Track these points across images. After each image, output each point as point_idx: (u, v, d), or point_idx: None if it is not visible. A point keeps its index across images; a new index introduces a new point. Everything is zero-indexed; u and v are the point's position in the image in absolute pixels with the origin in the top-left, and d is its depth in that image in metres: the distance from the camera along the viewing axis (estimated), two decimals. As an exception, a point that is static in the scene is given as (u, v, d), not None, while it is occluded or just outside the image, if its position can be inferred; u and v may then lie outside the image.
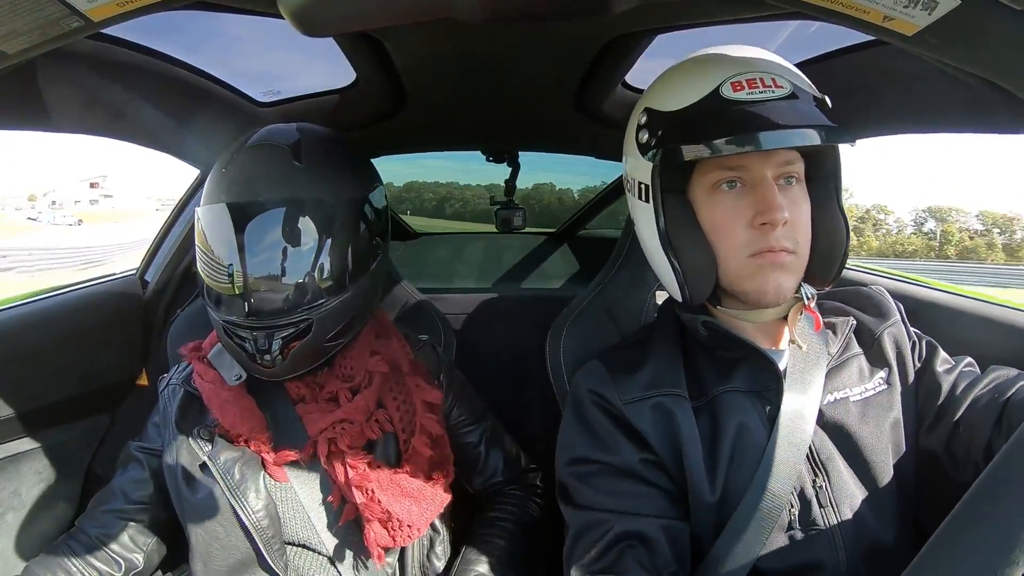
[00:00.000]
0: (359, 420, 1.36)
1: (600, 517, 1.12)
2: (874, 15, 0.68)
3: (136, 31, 1.35)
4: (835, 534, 1.08)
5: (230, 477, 1.31)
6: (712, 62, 1.11)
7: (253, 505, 1.31)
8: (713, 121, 1.05)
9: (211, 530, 1.33)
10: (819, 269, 1.17)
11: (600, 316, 1.59)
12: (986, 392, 1.12)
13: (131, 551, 1.42)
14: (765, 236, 1.07)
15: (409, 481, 1.36)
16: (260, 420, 1.37)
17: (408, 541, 1.35)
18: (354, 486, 1.31)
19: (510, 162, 2.51)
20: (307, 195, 1.29)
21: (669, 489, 1.14)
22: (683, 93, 1.10)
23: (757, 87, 1.05)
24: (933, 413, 1.16)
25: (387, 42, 1.34)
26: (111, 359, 1.93)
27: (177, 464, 1.37)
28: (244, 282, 1.27)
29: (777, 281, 1.09)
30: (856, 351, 1.23)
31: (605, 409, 1.21)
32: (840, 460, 1.12)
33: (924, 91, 1.33)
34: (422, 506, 1.35)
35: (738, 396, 1.16)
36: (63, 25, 0.73)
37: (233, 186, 1.29)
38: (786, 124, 1.01)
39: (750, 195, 1.09)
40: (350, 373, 1.42)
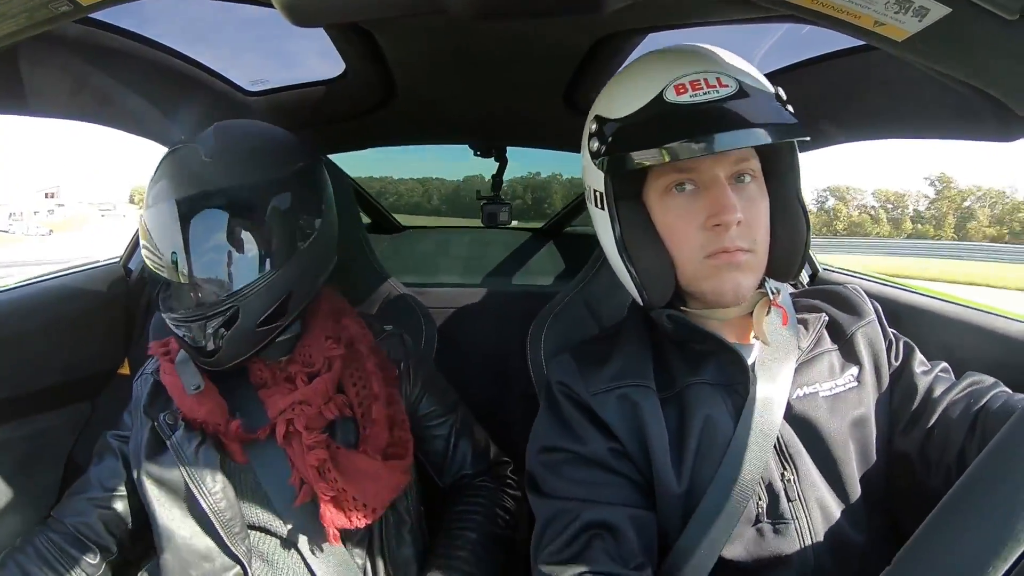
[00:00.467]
0: (317, 402, 1.37)
1: (567, 506, 1.12)
2: (865, 20, 0.68)
3: (125, 16, 1.34)
4: (802, 528, 1.08)
5: (189, 461, 1.33)
6: (655, 66, 1.11)
7: (210, 487, 1.32)
8: (657, 127, 1.04)
9: (173, 514, 1.35)
10: (780, 265, 1.16)
11: (581, 312, 1.60)
12: (961, 398, 1.12)
13: (105, 539, 1.43)
14: (719, 237, 1.07)
15: (366, 462, 1.36)
16: (220, 404, 1.38)
17: (364, 522, 1.34)
18: (309, 465, 1.32)
19: (497, 157, 2.51)
20: (211, 187, 1.31)
21: (637, 480, 1.15)
22: (629, 99, 1.10)
23: (701, 88, 1.04)
24: (908, 415, 1.16)
25: (377, 34, 1.34)
26: (93, 347, 1.92)
27: (142, 449, 1.38)
28: (169, 280, 1.35)
29: (735, 281, 1.09)
30: (828, 347, 1.23)
31: (573, 400, 1.21)
32: (808, 454, 1.13)
33: (913, 97, 1.34)
34: (379, 486, 1.35)
35: (707, 389, 1.16)
36: (51, 9, 0.73)
37: (154, 192, 1.34)
38: (732, 125, 1.00)
39: (703, 197, 1.08)
40: (309, 360, 1.44)
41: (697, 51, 1.11)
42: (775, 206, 1.14)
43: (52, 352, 1.77)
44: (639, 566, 1.06)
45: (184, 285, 1.34)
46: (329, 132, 2.05)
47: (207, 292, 1.33)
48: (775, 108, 1.06)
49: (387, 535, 1.44)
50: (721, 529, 1.08)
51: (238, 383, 1.43)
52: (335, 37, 1.35)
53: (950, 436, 1.08)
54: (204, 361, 1.38)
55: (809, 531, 1.08)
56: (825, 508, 1.10)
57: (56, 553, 1.38)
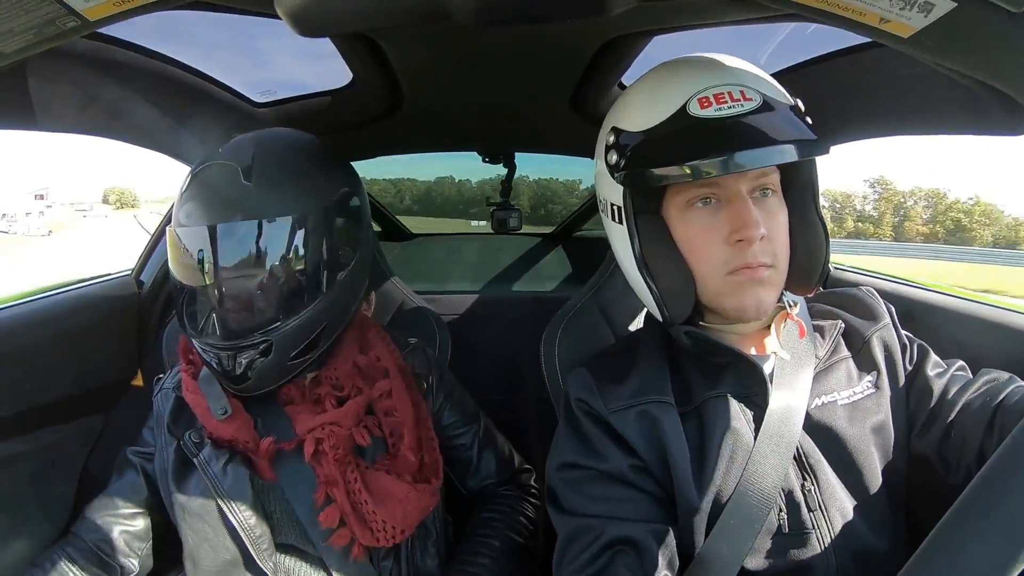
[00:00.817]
0: (348, 424, 1.37)
1: (589, 523, 1.11)
2: (871, 17, 0.68)
3: (132, 31, 1.35)
4: (824, 537, 1.08)
5: (218, 479, 1.32)
6: (677, 77, 1.10)
7: (240, 506, 1.31)
8: (683, 142, 1.03)
9: (201, 531, 1.34)
10: (800, 278, 1.16)
11: (594, 318, 1.59)
12: (978, 396, 1.11)
13: (127, 556, 1.43)
14: (742, 253, 1.07)
15: (395, 484, 1.35)
16: (247, 422, 1.37)
17: (392, 542, 1.35)
18: (338, 485, 1.32)
19: (506, 163, 2.50)
20: (250, 215, 1.28)
21: (658, 495, 1.14)
22: (649, 111, 1.09)
23: (725, 102, 1.03)
24: (924, 417, 1.16)
25: (383, 43, 1.34)
26: (106, 360, 1.93)
27: (168, 467, 1.38)
28: (202, 305, 1.33)
29: (757, 297, 1.09)
30: (844, 354, 1.22)
31: (592, 416, 1.21)
32: (828, 463, 1.12)
33: (920, 93, 1.33)
34: (407, 508, 1.35)
35: (725, 401, 1.16)
36: (59, 24, 0.73)
37: (188, 210, 1.31)
38: (759, 142, 1.00)
39: (725, 211, 1.08)
40: (338, 383, 1.43)
41: (717, 62, 1.11)
42: (794, 219, 1.14)
43: (65, 365, 1.78)
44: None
45: (215, 311, 1.31)
46: (337, 141, 2.06)
47: (240, 322, 1.31)
48: (797, 123, 1.05)
49: (413, 548, 1.44)
50: (743, 540, 1.07)
51: (264, 399, 1.42)
52: (341, 46, 1.36)
53: (968, 435, 1.07)
54: (231, 388, 1.37)
55: (831, 540, 1.07)
56: (847, 517, 1.09)
57: (77, 571, 1.37)
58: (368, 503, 1.32)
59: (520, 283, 3.08)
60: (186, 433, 1.38)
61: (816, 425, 1.13)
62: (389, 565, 1.40)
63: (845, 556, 1.07)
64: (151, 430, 1.49)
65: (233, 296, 1.31)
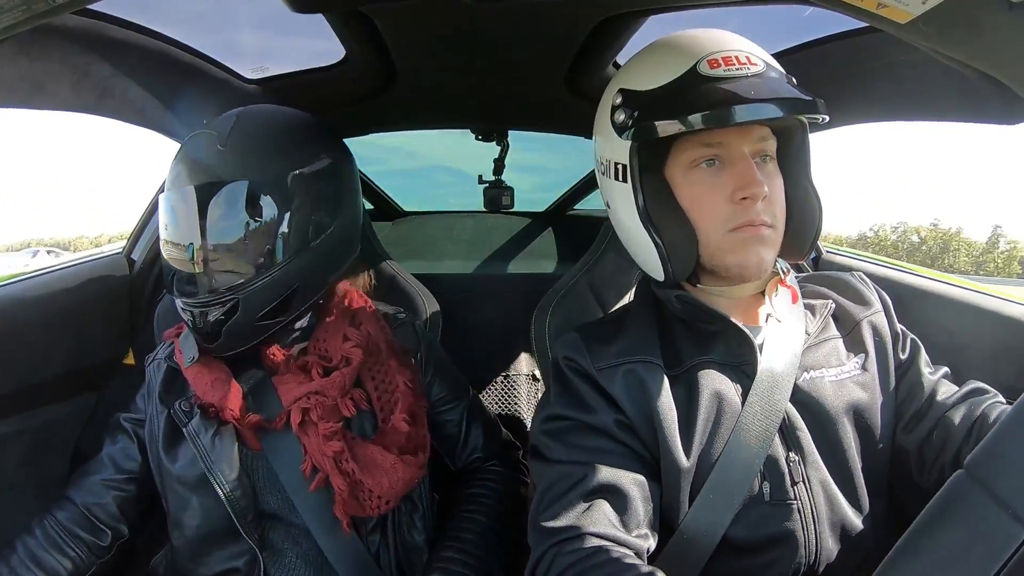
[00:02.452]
0: (333, 395, 1.38)
1: (571, 470, 1.13)
2: (868, 2, 0.67)
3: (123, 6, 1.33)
4: (805, 509, 1.10)
5: (205, 448, 1.35)
6: (687, 42, 1.13)
7: (226, 475, 1.33)
8: (693, 95, 1.06)
9: (187, 500, 1.37)
10: (795, 242, 1.20)
11: (586, 296, 1.60)
12: (963, 405, 1.15)
13: (118, 520, 1.44)
14: (746, 210, 1.10)
15: (383, 455, 1.37)
16: (234, 389, 1.39)
17: (377, 512, 1.36)
18: (326, 455, 1.33)
19: (499, 141, 2.50)
20: (225, 177, 1.33)
21: (642, 453, 1.15)
22: (659, 72, 1.12)
23: (733, 64, 1.07)
24: (911, 413, 1.19)
25: (377, 19, 1.33)
26: (98, 338, 1.92)
27: (158, 435, 1.40)
28: (180, 265, 1.38)
29: (759, 254, 1.12)
30: (834, 334, 1.25)
31: (580, 373, 1.22)
32: (812, 437, 1.14)
33: (916, 79, 1.33)
34: (393, 479, 1.36)
35: (715, 367, 1.18)
36: (48, 1, 0.72)
37: (172, 176, 1.39)
38: (767, 96, 1.03)
39: (728, 171, 1.11)
40: (326, 353, 1.44)
41: (724, 34, 1.14)
42: (789, 185, 1.17)
43: (57, 343, 1.78)
44: (643, 535, 1.08)
45: (190, 269, 1.36)
46: (330, 118, 2.04)
47: (212, 281, 1.35)
48: (796, 89, 1.08)
49: (399, 522, 1.45)
50: (727, 506, 1.10)
51: (251, 367, 1.45)
52: (334, 22, 1.35)
53: (948, 439, 1.12)
54: (205, 346, 1.39)
55: (812, 512, 1.10)
56: (828, 490, 1.12)
57: (65, 535, 1.39)
58: (356, 472, 1.34)
59: (512, 262, 3.07)
60: (177, 402, 1.40)
61: (803, 399, 1.16)
62: (376, 539, 1.42)
63: (825, 529, 1.10)
64: (143, 398, 1.50)
65: (207, 255, 1.35)
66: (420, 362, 1.56)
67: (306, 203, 1.38)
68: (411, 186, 3.35)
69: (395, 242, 2.94)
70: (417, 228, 3.15)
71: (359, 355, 1.43)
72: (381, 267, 1.93)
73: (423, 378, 1.56)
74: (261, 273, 1.34)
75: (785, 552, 1.09)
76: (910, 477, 1.18)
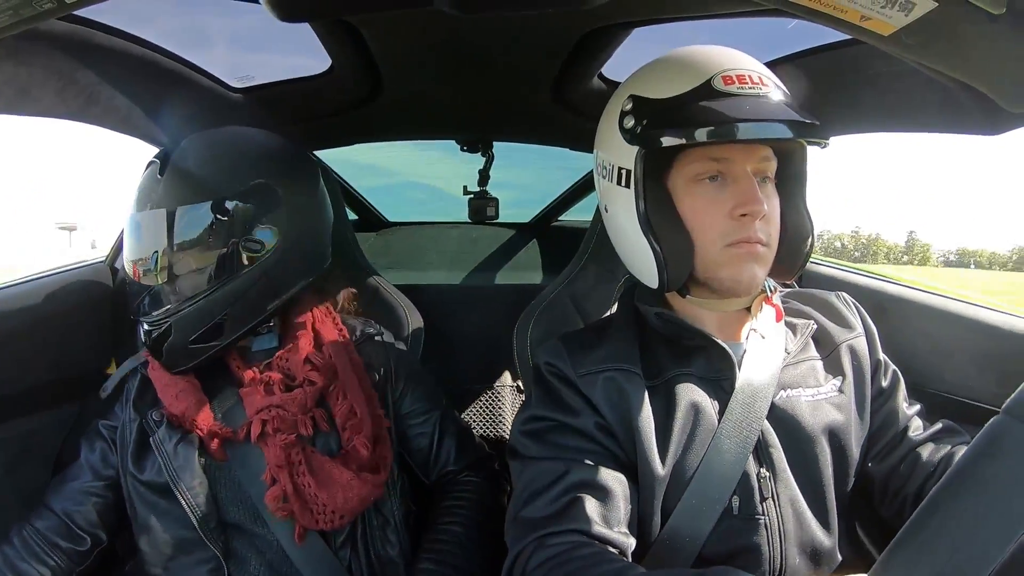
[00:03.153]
0: (293, 411, 1.39)
1: (552, 466, 1.14)
2: (851, 15, 0.68)
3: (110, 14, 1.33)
4: (773, 524, 1.11)
5: (169, 456, 1.36)
6: (704, 55, 1.13)
7: (188, 483, 1.35)
8: (705, 109, 1.07)
9: (154, 507, 1.38)
10: (785, 262, 1.21)
11: (567, 308, 1.60)
12: (933, 442, 1.20)
13: (97, 527, 1.43)
14: (744, 227, 1.11)
15: (339, 470, 1.37)
16: (200, 400, 1.41)
17: (330, 526, 1.36)
18: (281, 466, 1.34)
19: (484, 151, 2.50)
20: (155, 206, 1.39)
21: (622, 458, 1.16)
22: (673, 82, 1.12)
23: (747, 83, 1.08)
24: (883, 443, 1.23)
25: (363, 29, 1.34)
26: (80, 347, 1.90)
27: (129, 442, 1.41)
28: (135, 287, 1.47)
29: (752, 270, 1.13)
30: (814, 355, 1.26)
31: (561, 378, 1.23)
32: (785, 455, 1.15)
33: (899, 91, 1.35)
34: (349, 495, 1.36)
35: (693, 380, 1.19)
36: (35, 6, 0.72)
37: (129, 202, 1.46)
38: (780, 117, 1.05)
39: (731, 187, 1.11)
40: (289, 371, 1.46)
41: (737, 52, 1.16)
42: (785, 206, 1.19)
43: (39, 352, 1.76)
44: (624, 534, 1.09)
45: (139, 292, 1.45)
46: (316, 128, 2.04)
47: (150, 303, 1.44)
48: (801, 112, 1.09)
49: (371, 536, 1.45)
50: (705, 519, 1.11)
51: (221, 379, 1.47)
52: (321, 32, 1.35)
53: (915, 473, 1.17)
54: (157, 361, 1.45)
55: (779, 528, 1.12)
56: (797, 508, 1.13)
57: (44, 544, 1.38)
58: (311, 486, 1.34)
59: (497, 273, 3.08)
60: (148, 411, 1.42)
61: (778, 416, 1.17)
62: (347, 553, 1.42)
63: (791, 546, 1.12)
64: (120, 404, 1.51)
65: (141, 279, 1.44)
66: (388, 377, 1.56)
67: (232, 230, 1.40)
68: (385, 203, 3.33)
69: (379, 253, 2.93)
70: (402, 239, 3.14)
71: (320, 380, 1.44)
72: (362, 277, 1.93)
73: (394, 392, 1.57)
74: (187, 300, 1.39)
75: (750, 566, 1.10)
76: (870, 504, 1.23)
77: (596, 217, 1.63)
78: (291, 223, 1.46)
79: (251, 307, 1.45)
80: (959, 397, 1.46)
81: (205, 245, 1.39)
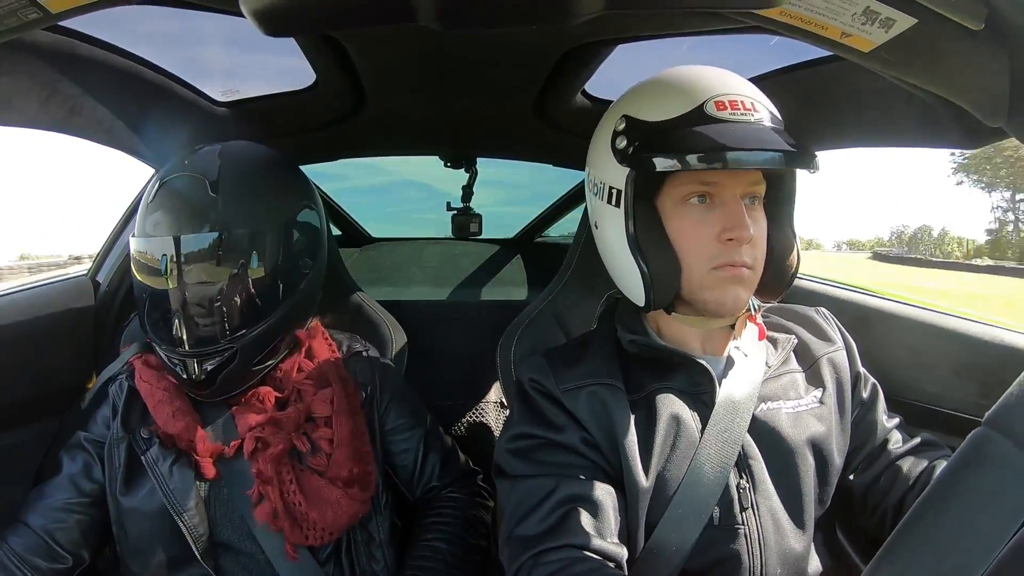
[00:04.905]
0: (288, 428, 1.39)
1: (541, 482, 1.14)
2: (832, 31, 0.69)
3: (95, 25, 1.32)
4: (752, 535, 1.13)
5: (164, 477, 1.34)
6: (697, 78, 1.14)
7: (187, 505, 1.33)
8: (696, 135, 1.07)
9: (146, 529, 1.36)
10: (771, 284, 1.21)
11: (550, 325, 1.60)
12: (913, 455, 1.22)
13: (80, 546, 1.39)
14: (730, 251, 1.11)
15: (328, 488, 1.37)
16: (193, 419, 1.39)
17: (320, 542, 1.36)
18: (273, 484, 1.34)
19: (468, 167, 2.51)
20: (220, 226, 1.33)
21: (608, 471, 1.17)
22: (666, 105, 1.13)
23: (739, 109, 1.09)
24: (863, 455, 1.25)
25: (348, 44, 1.34)
26: (61, 362, 1.88)
27: (119, 463, 1.38)
28: (168, 314, 1.35)
29: (736, 294, 1.14)
30: (794, 368, 1.28)
31: (545, 394, 1.23)
32: (765, 466, 1.17)
33: (879, 106, 1.36)
34: (337, 512, 1.36)
35: (674, 393, 1.20)
36: (20, 16, 0.72)
37: (156, 220, 1.35)
38: (769, 146, 1.05)
39: (719, 210, 1.12)
40: (279, 384, 1.46)
41: (731, 75, 1.16)
42: (772, 229, 1.19)
43: (19, 367, 1.74)
44: (617, 544, 1.09)
45: (182, 319, 1.34)
46: (299, 142, 2.04)
47: (204, 330, 1.35)
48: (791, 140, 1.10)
49: (356, 552, 1.45)
50: (690, 530, 1.12)
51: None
52: (305, 47, 1.35)
53: (895, 486, 1.19)
54: (194, 393, 1.39)
55: (759, 539, 1.13)
56: (776, 518, 1.15)
57: (21, 565, 1.32)
58: (302, 504, 1.34)
59: (481, 289, 3.08)
60: (138, 429, 1.39)
61: (759, 429, 1.18)
62: (331, 568, 1.41)
63: (771, 555, 1.13)
64: (104, 419, 1.46)
65: (199, 305, 1.35)
66: (373, 395, 1.55)
67: (295, 249, 1.41)
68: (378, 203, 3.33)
69: (363, 268, 2.93)
70: (385, 254, 3.15)
71: (310, 388, 1.44)
72: (346, 293, 1.93)
73: (379, 407, 1.56)
74: (259, 321, 1.36)
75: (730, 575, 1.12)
76: (851, 515, 1.25)
77: (579, 232, 1.63)
78: (322, 242, 1.51)
79: (299, 324, 1.48)
80: (941, 408, 1.47)
81: (274, 268, 1.38)
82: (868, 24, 0.66)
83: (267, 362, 1.42)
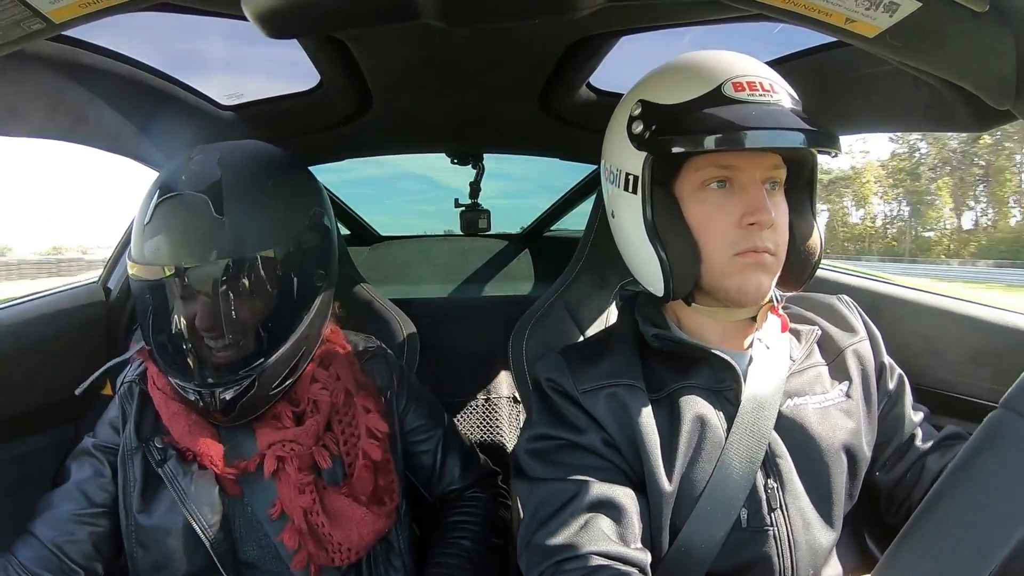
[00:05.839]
0: (308, 443, 1.36)
1: (563, 486, 1.12)
2: (836, 17, 0.69)
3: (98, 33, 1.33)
4: (782, 536, 1.10)
5: (185, 492, 1.30)
6: (714, 61, 1.13)
7: (208, 519, 1.30)
8: (715, 116, 1.05)
9: (165, 544, 1.32)
10: (793, 273, 1.19)
11: (562, 318, 1.60)
12: (939, 450, 1.20)
13: (92, 560, 1.33)
14: (751, 236, 1.09)
15: (352, 507, 1.35)
16: (211, 433, 1.34)
17: (346, 562, 1.35)
18: (297, 507, 1.31)
19: (475, 164, 2.51)
20: (229, 254, 1.24)
21: (629, 474, 1.15)
22: (683, 88, 1.11)
23: (757, 90, 1.07)
24: (891, 451, 1.23)
25: (352, 44, 1.34)
26: (75, 369, 1.88)
27: (135, 477, 1.34)
28: (175, 343, 1.28)
29: (759, 281, 1.11)
30: (819, 361, 1.25)
31: (563, 395, 1.21)
32: (793, 464, 1.14)
33: (885, 91, 1.35)
34: (363, 531, 1.35)
35: (698, 392, 1.17)
36: (24, 27, 0.72)
37: (155, 246, 1.25)
38: (791, 125, 1.03)
39: (739, 195, 1.10)
40: (295, 397, 1.41)
41: (749, 58, 1.15)
42: (794, 216, 1.17)
43: (33, 374, 1.75)
44: (641, 550, 1.07)
45: (194, 351, 1.28)
46: (305, 144, 2.04)
47: (219, 358, 1.29)
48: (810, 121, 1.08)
49: (375, 562, 1.43)
50: (716, 534, 1.09)
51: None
52: (309, 48, 1.35)
53: (920, 482, 1.17)
54: (212, 419, 1.34)
55: (789, 538, 1.11)
56: (805, 516, 1.13)
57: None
58: (325, 525, 1.32)
59: (490, 284, 3.08)
60: (151, 439, 1.35)
61: (786, 426, 1.16)
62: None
63: (802, 555, 1.11)
64: (115, 426, 1.42)
65: (211, 337, 1.27)
66: (393, 399, 1.53)
67: (308, 263, 1.35)
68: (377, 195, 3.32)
69: (372, 267, 2.94)
70: (394, 253, 3.15)
71: (326, 399, 1.40)
72: (357, 292, 1.93)
73: (398, 409, 1.54)
74: (276, 346, 1.30)
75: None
76: (876, 512, 1.23)
77: (591, 223, 1.63)
78: (334, 244, 1.46)
79: (317, 338, 1.42)
80: (956, 394, 1.47)
81: (288, 290, 1.32)
82: (872, 9, 0.66)
83: (286, 383, 1.35)
